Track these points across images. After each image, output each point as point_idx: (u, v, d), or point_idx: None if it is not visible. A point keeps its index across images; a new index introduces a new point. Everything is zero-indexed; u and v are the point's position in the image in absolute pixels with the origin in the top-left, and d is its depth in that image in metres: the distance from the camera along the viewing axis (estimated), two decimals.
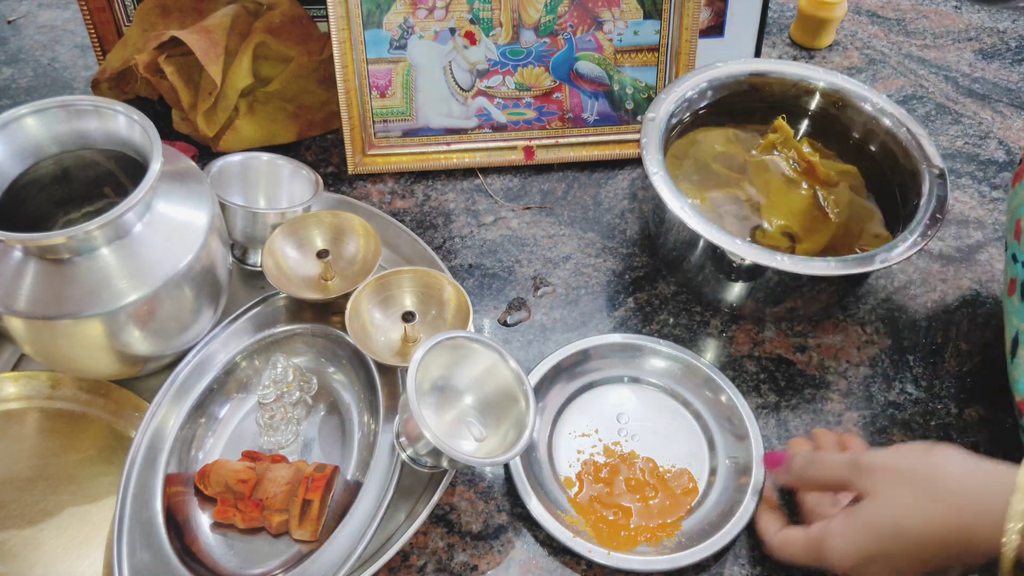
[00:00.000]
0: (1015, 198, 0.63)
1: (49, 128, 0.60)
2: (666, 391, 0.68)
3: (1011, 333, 0.62)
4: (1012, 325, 0.62)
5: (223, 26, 0.81)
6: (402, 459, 0.59)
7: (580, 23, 0.82)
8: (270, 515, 0.58)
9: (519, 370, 0.60)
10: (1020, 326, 0.61)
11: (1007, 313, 0.63)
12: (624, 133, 0.87)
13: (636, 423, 0.66)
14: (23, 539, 0.59)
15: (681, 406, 0.67)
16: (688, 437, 0.66)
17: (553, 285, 0.77)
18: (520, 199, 0.84)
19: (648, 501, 0.62)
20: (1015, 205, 0.63)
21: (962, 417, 0.69)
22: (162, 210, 0.60)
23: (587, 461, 0.64)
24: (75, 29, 1.01)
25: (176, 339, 0.63)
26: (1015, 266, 0.62)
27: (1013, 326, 0.62)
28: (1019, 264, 0.62)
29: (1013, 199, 0.64)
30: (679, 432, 0.66)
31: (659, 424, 0.66)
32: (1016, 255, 0.62)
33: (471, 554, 0.60)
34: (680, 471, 0.63)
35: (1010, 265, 0.63)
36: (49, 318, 0.56)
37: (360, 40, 0.79)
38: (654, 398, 0.68)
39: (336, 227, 0.70)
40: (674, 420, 0.67)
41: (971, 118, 0.95)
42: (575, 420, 0.66)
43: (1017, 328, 0.61)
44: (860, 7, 1.10)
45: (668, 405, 0.68)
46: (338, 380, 0.67)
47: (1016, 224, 0.62)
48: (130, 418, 0.64)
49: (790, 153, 0.77)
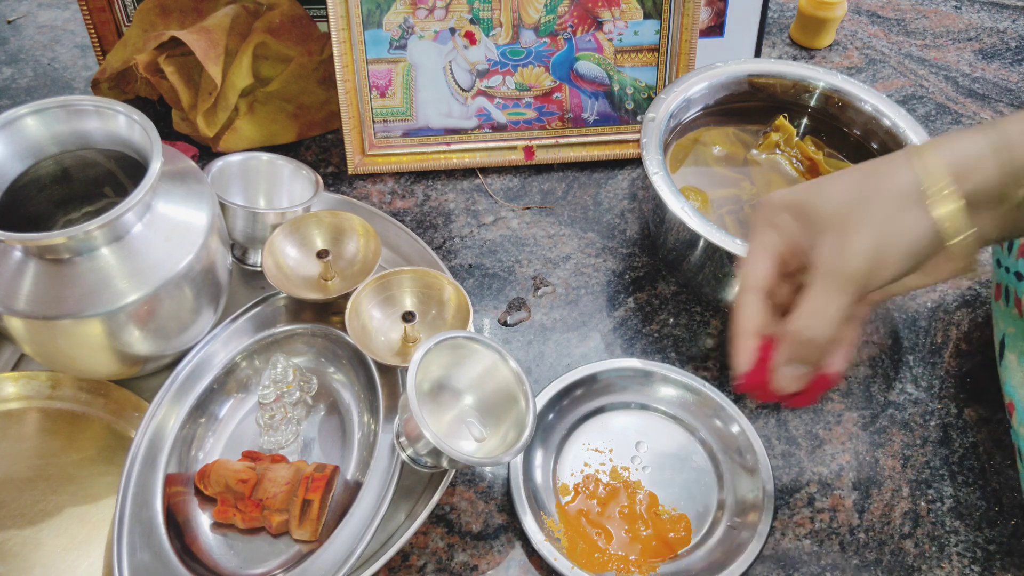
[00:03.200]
0: None
1: (49, 128, 0.60)
2: (683, 424, 0.66)
3: (998, 336, 0.63)
4: (999, 329, 0.63)
5: (223, 26, 0.81)
6: (402, 459, 0.59)
7: (580, 23, 0.82)
8: (270, 515, 0.58)
9: (519, 370, 0.60)
10: (1007, 330, 0.61)
11: (994, 317, 0.64)
12: (624, 133, 0.87)
13: (652, 455, 0.65)
14: (23, 539, 0.59)
15: (698, 444, 0.65)
16: (697, 479, 0.64)
17: (553, 285, 0.77)
18: (520, 199, 0.84)
19: (636, 534, 0.60)
20: None
21: (962, 417, 0.69)
22: (162, 210, 0.60)
23: (590, 476, 0.63)
24: (75, 29, 1.01)
25: (176, 339, 0.63)
26: (1000, 271, 0.63)
27: (1000, 329, 0.63)
28: (1003, 269, 0.62)
29: None
30: (689, 473, 0.64)
31: (673, 461, 0.64)
32: (1001, 260, 0.63)
33: (471, 554, 0.60)
34: (678, 516, 0.62)
35: (995, 270, 0.64)
36: (49, 318, 0.56)
37: (360, 40, 0.79)
38: (673, 432, 0.66)
39: (336, 227, 0.70)
40: (687, 460, 0.65)
41: (971, 118, 0.95)
42: (592, 434, 0.66)
43: (1004, 331, 0.62)
44: (860, 7, 1.10)
45: (685, 442, 0.66)
46: (338, 380, 0.67)
47: None
48: (130, 418, 0.64)
49: (792, 152, 0.77)
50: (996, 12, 1.10)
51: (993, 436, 0.67)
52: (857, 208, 0.46)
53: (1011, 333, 0.61)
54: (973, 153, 0.45)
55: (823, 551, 0.61)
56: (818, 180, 0.48)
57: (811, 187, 0.48)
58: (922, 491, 0.64)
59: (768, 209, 0.49)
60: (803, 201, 0.47)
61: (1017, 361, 0.59)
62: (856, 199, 0.46)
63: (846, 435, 0.67)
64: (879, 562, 0.60)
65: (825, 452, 0.66)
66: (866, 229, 0.45)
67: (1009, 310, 0.62)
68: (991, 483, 0.65)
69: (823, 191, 0.47)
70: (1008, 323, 0.61)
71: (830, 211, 0.46)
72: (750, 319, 0.50)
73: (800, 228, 0.48)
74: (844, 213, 0.46)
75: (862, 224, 0.45)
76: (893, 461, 0.66)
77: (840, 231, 0.46)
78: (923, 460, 0.66)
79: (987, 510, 0.63)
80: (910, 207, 0.45)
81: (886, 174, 0.46)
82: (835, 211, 0.46)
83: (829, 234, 0.46)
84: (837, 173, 0.48)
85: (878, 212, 0.45)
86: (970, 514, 0.63)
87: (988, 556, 0.61)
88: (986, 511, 0.63)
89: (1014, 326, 0.61)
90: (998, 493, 0.64)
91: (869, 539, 0.62)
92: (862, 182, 0.46)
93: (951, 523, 0.62)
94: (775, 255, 0.49)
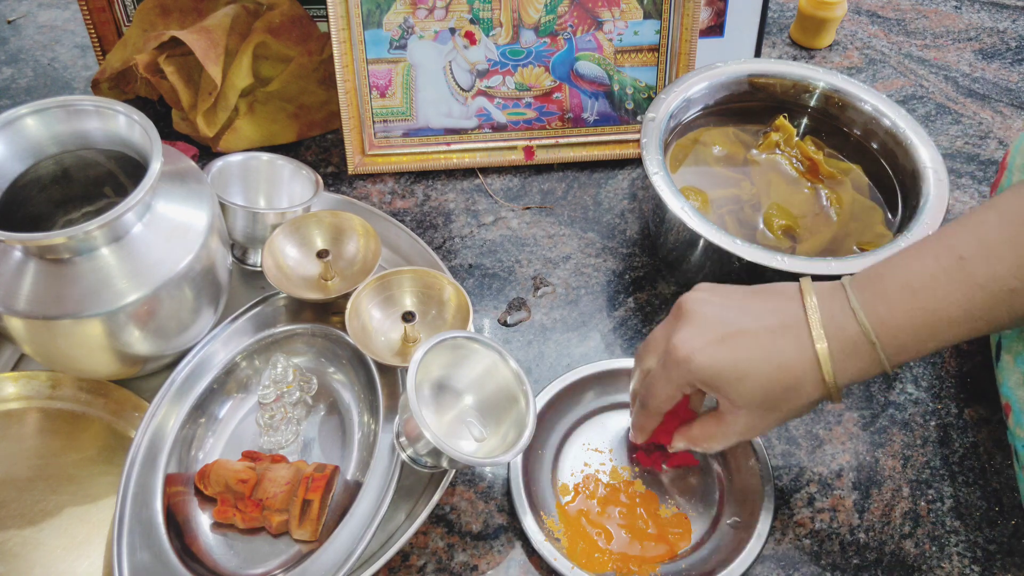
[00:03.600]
0: None
1: (49, 128, 0.60)
2: None
3: (995, 338, 0.63)
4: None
5: (223, 26, 0.81)
6: (402, 459, 0.59)
7: (580, 23, 0.82)
8: (270, 515, 0.58)
9: (519, 370, 0.60)
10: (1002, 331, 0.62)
11: None
12: (624, 133, 0.87)
13: None
14: (23, 539, 0.59)
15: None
16: (697, 479, 0.63)
17: (553, 285, 0.77)
18: (520, 199, 0.84)
19: (636, 534, 0.60)
20: None
21: (962, 417, 0.69)
22: (162, 210, 0.60)
23: (590, 476, 0.63)
24: (75, 29, 1.01)
25: (176, 339, 0.63)
26: None
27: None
28: None
29: None
30: (691, 474, 0.64)
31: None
32: None
33: (471, 554, 0.60)
34: (678, 516, 0.62)
35: None
36: (49, 318, 0.56)
37: (360, 40, 0.79)
38: None
39: (336, 227, 0.70)
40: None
41: (971, 118, 0.95)
42: (592, 434, 0.66)
43: (999, 333, 0.62)
44: (860, 7, 1.10)
45: None
46: (338, 380, 0.67)
47: None
48: (130, 418, 0.64)
49: (792, 152, 0.77)
50: (996, 12, 1.10)
51: (993, 436, 0.67)
52: (774, 407, 0.53)
53: (1007, 334, 0.61)
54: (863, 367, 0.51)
55: (823, 551, 0.61)
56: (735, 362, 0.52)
57: (729, 372, 0.52)
58: (922, 491, 0.64)
59: (686, 372, 0.53)
60: (724, 387, 0.53)
61: (1013, 362, 0.59)
62: (774, 400, 0.53)
63: (846, 435, 0.67)
64: (879, 562, 0.60)
65: (825, 452, 0.66)
66: (777, 418, 0.54)
67: None
68: (991, 483, 0.65)
69: (744, 383, 0.52)
70: None
71: (751, 401, 0.53)
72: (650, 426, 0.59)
73: (719, 396, 0.54)
74: (762, 407, 0.53)
75: (776, 417, 0.54)
76: (893, 461, 0.66)
77: (757, 416, 0.54)
78: (923, 460, 0.66)
79: (987, 510, 0.63)
80: (813, 403, 0.53)
81: (798, 385, 0.52)
82: (755, 403, 0.53)
83: (746, 414, 0.54)
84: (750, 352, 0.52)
85: (790, 412, 0.54)
86: (970, 514, 0.63)
87: (988, 556, 0.61)
88: (986, 511, 0.63)
89: None
90: (998, 493, 0.64)
91: (869, 539, 0.62)
92: (778, 382, 0.52)
93: (951, 523, 0.62)
94: (684, 391, 0.55)
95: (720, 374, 0.52)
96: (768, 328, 0.52)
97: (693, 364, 0.52)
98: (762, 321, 0.52)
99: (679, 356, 0.52)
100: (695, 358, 0.52)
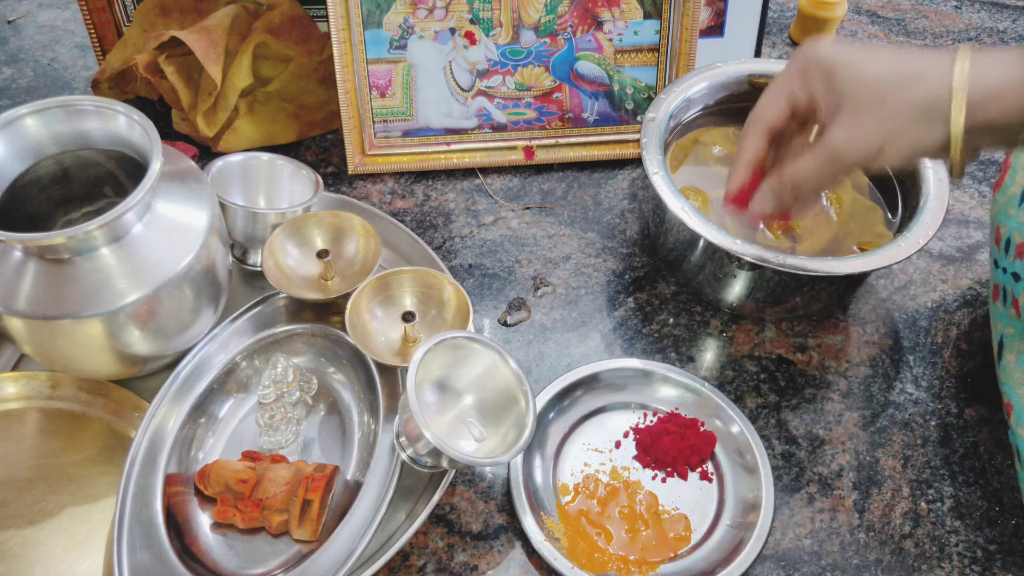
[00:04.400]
0: (995, 206, 0.64)
1: (49, 128, 0.60)
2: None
3: (996, 337, 0.63)
4: (997, 329, 0.63)
5: (223, 26, 0.81)
6: (402, 459, 0.59)
7: (580, 23, 0.82)
8: (270, 515, 0.58)
9: (519, 370, 0.60)
10: (1004, 330, 0.62)
11: (992, 317, 0.64)
12: (624, 133, 0.87)
13: None
14: (23, 539, 0.59)
15: None
16: (697, 479, 0.64)
17: (553, 285, 0.77)
18: (520, 199, 0.84)
19: (636, 534, 0.60)
20: (995, 212, 0.64)
21: (962, 417, 0.69)
22: (162, 210, 0.60)
23: (590, 476, 0.63)
24: (75, 29, 1.01)
25: (176, 339, 0.63)
26: (997, 272, 0.63)
27: (998, 330, 0.63)
28: (1000, 270, 0.62)
29: (993, 207, 0.65)
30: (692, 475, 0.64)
31: None
32: (998, 261, 0.63)
33: (471, 554, 0.60)
34: (679, 516, 0.62)
35: (993, 271, 0.64)
36: (49, 318, 0.56)
37: (360, 40, 0.79)
38: None
39: (336, 227, 0.70)
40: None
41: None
42: (592, 434, 0.66)
43: (1002, 332, 0.62)
44: (860, 7, 1.10)
45: None
46: (338, 380, 0.67)
47: (996, 231, 0.63)
48: (130, 418, 0.64)
49: None
50: (996, 12, 1.10)
51: (994, 436, 0.67)
52: (881, 99, 0.48)
53: (1009, 333, 0.61)
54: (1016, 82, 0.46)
55: (823, 551, 0.61)
56: (861, 50, 0.50)
57: (851, 56, 0.50)
58: (922, 491, 0.64)
59: (804, 59, 0.51)
60: (837, 68, 0.50)
61: (1015, 361, 0.59)
62: (884, 89, 0.48)
63: (846, 435, 0.67)
64: (879, 562, 0.60)
65: (825, 452, 0.66)
66: (880, 125, 0.48)
67: (1007, 310, 0.62)
68: (991, 483, 0.65)
69: (859, 66, 0.49)
70: (1006, 323, 0.62)
71: (855, 90, 0.49)
72: (750, 150, 0.55)
73: (823, 90, 0.50)
74: (867, 99, 0.49)
75: (878, 120, 0.48)
76: (893, 461, 0.66)
77: (856, 116, 0.49)
78: (923, 460, 0.66)
79: (987, 510, 0.63)
80: (928, 120, 0.48)
81: (921, 75, 0.48)
82: (860, 92, 0.49)
83: (846, 113, 0.49)
84: (880, 50, 0.50)
85: (898, 114, 0.48)
86: (970, 514, 0.63)
87: (988, 556, 0.61)
88: (986, 511, 0.63)
89: (1012, 326, 0.61)
90: (999, 493, 0.64)
91: (869, 539, 0.62)
92: (897, 71, 0.48)
93: (951, 523, 0.62)
94: (791, 102, 0.52)
95: (836, 56, 0.50)
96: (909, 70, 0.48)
97: (815, 48, 0.51)
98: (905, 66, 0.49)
99: (803, 47, 0.52)
100: (818, 45, 0.51)
